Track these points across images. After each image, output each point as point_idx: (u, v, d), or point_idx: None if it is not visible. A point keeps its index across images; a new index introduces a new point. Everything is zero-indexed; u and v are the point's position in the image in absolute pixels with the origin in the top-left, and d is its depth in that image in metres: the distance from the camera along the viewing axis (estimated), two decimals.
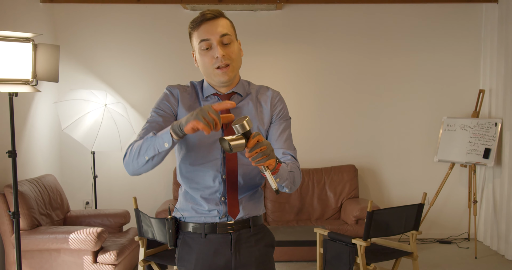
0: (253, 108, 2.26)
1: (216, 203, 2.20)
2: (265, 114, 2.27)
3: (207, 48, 2.15)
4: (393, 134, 6.92)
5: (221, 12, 2.19)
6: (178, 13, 6.76)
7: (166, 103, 2.29)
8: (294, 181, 2.14)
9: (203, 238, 2.22)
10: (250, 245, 2.24)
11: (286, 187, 2.12)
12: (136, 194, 6.28)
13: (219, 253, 2.21)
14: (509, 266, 5.77)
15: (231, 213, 2.19)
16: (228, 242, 2.21)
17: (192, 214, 2.24)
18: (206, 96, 2.28)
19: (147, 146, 2.05)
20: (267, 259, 2.28)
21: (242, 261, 2.21)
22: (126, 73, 6.81)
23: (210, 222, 2.20)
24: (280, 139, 2.24)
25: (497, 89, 6.37)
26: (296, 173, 2.16)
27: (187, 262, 2.24)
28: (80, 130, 6.01)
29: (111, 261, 4.92)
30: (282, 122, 2.27)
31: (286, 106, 2.31)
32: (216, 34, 2.13)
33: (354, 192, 6.52)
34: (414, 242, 4.19)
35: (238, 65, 2.22)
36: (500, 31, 6.27)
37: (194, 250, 2.23)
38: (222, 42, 2.14)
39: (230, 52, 2.16)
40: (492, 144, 6.20)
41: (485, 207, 6.65)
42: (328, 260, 4.07)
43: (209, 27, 2.14)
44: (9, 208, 4.83)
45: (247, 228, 2.24)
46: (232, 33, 2.20)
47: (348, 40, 6.85)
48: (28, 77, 4.05)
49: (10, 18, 5.51)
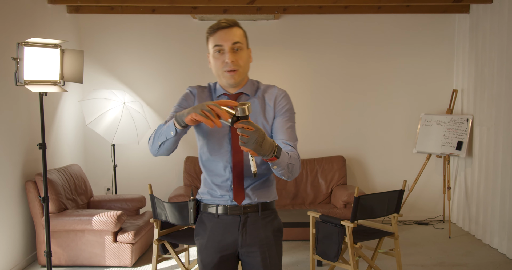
0: (258, 106, 2.25)
1: (227, 189, 2.21)
2: (269, 111, 2.25)
3: (219, 52, 2.15)
4: (377, 128, 6.91)
5: (236, 22, 2.19)
6: (188, 22, 6.75)
7: (185, 100, 2.29)
8: (292, 171, 2.11)
9: (216, 218, 2.24)
10: (257, 228, 2.23)
11: (283, 176, 2.10)
12: (151, 181, 6.27)
13: (228, 231, 2.22)
14: (479, 244, 5.76)
15: (236, 199, 2.20)
16: (236, 223, 2.21)
17: (208, 197, 2.27)
18: (218, 95, 2.29)
19: (160, 133, 2.09)
20: (271, 242, 2.25)
21: (248, 241, 2.21)
22: (142, 75, 6.80)
23: (223, 204, 2.23)
24: (281, 131, 2.21)
25: (468, 89, 6.36)
26: (296, 164, 2.13)
27: (201, 237, 2.27)
28: (102, 125, 6.01)
29: (129, 240, 4.92)
30: (285, 116, 2.24)
31: (290, 103, 2.28)
32: (228, 41, 2.13)
33: (342, 180, 6.51)
34: (396, 223, 4.18)
35: (246, 71, 2.23)
36: (471, 38, 6.29)
37: (208, 228, 2.25)
38: (233, 49, 2.14)
39: (239, 58, 2.16)
40: (464, 138, 6.18)
41: (458, 193, 6.65)
42: (320, 239, 4.06)
43: (223, 34, 2.14)
44: (39, 193, 4.85)
45: (256, 212, 2.24)
46: (244, 41, 2.19)
47: (337, 46, 6.85)
48: (56, 78, 4.04)
49: (41, 27, 5.50)
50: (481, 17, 6.02)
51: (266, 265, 2.22)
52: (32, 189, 4.86)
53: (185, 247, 4.43)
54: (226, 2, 5.77)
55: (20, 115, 5.00)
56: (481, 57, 6.00)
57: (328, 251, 3.96)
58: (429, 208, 6.94)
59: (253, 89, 2.29)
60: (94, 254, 4.92)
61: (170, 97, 6.80)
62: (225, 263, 2.23)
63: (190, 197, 3.30)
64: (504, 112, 5.42)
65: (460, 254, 5.41)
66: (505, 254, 5.34)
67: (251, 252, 2.22)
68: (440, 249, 5.56)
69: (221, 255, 2.21)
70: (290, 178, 2.16)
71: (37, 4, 5.47)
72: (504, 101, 5.41)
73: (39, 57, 3.91)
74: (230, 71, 2.15)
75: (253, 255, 2.22)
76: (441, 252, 5.47)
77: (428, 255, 5.36)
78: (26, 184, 4.89)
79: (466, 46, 6.47)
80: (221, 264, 2.22)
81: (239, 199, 2.20)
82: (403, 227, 6.54)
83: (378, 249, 4.20)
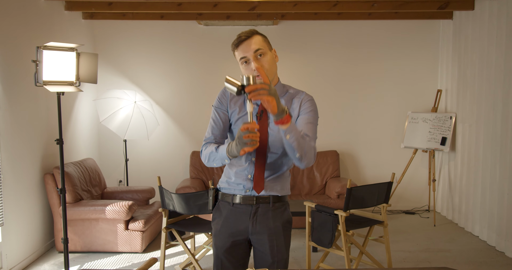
0: (286, 104, 2.26)
1: (243, 179, 2.23)
2: (294, 110, 2.25)
3: (246, 63, 2.17)
4: (367, 125, 6.89)
5: (254, 31, 2.20)
6: (193, 28, 6.73)
7: (221, 103, 2.29)
8: (304, 149, 2.02)
9: (231, 206, 2.26)
10: (267, 218, 2.23)
11: (296, 151, 2.00)
12: (160, 174, 6.28)
13: (241, 219, 2.24)
14: (461, 232, 5.76)
15: (255, 188, 2.21)
16: (248, 212, 2.23)
17: (225, 185, 2.30)
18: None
19: (214, 158, 2.18)
20: (279, 232, 2.25)
21: (257, 229, 2.22)
22: (151, 76, 6.79)
23: (238, 194, 2.24)
24: (301, 126, 2.18)
25: (452, 89, 6.35)
26: (307, 144, 2.04)
27: (217, 223, 2.30)
28: (114, 122, 6.01)
29: (140, 228, 4.92)
30: (309, 115, 2.23)
31: (315, 107, 2.28)
32: (250, 51, 2.15)
33: (336, 173, 6.51)
34: (385, 213, 4.17)
35: (273, 71, 2.23)
36: (454, 43, 6.28)
37: (223, 214, 2.28)
38: (256, 56, 2.15)
39: (264, 62, 2.17)
40: (448, 134, 6.17)
41: (442, 185, 6.65)
42: (315, 227, 4.06)
43: (244, 46, 2.16)
44: (57, 185, 4.84)
45: (267, 204, 2.24)
46: (264, 46, 2.19)
47: (331, 50, 6.83)
48: (72, 79, 4.03)
49: (58, 32, 5.48)
50: (464, 23, 6.01)
51: (274, 252, 2.22)
52: (50, 181, 4.86)
53: (191, 235, 4.43)
54: (229, 9, 5.76)
55: (39, 113, 4.99)
56: (464, 60, 5.99)
57: (322, 238, 3.96)
58: (416, 199, 6.93)
59: (282, 91, 2.30)
60: (107, 241, 4.93)
61: (177, 96, 6.80)
62: (237, 247, 2.25)
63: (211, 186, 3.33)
64: (484, 110, 5.41)
65: (444, 241, 5.41)
66: (485, 241, 5.34)
67: (260, 240, 2.23)
68: (425, 236, 5.56)
69: (233, 240, 2.24)
70: (303, 160, 2.05)
71: (55, 11, 5.46)
72: (485, 100, 5.40)
73: (56, 59, 3.90)
74: (258, 76, 2.11)
75: (261, 243, 2.23)
76: (427, 239, 5.47)
77: (414, 241, 5.35)
78: (45, 177, 4.89)
79: (449, 49, 6.45)
80: (232, 248, 2.25)
81: (259, 188, 2.21)
82: (391, 216, 6.54)
83: (369, 236, 4.20)
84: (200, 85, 6.78)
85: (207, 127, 2.34)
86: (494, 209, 5.18)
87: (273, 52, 2.26)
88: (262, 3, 5.63)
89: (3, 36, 4.30)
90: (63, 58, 3.94)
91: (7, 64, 4.36)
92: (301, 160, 2.05)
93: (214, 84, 6.76)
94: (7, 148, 4.33)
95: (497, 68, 5.12)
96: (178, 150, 6.86)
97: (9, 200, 4.34)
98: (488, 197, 5.32)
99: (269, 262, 2.22)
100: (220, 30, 6.76)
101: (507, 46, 4.91)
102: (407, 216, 6.55)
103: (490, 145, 5.26)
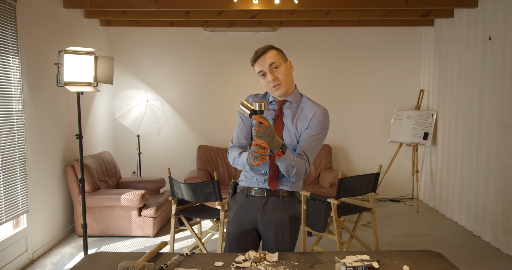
0: (295, 112, 2.27)
1: (257, 173, 2.26)
2: (303, 120, 2.24)
3: (263, 75, 2.22)
4: (357, 121, 6.90)
5: (269, 46, 2.23)
6: (200, 34, 6.72)
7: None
8: (292, 173, 2.14)
9: (245, 197, 2.30)
10: (275, 210, 2.24)
11: (284, 173, 2.15)
12: (169, 166, 6.30)
13: (252, 209, 2.26)
14: (442, 218, 5.77)
15: (270, 185, 2.24)
16: (259, 203, 2.25)
17: (243, 178, 2.33)
18: (270, 101, 2.34)
19: (237, 163, 2.25)
20: (286, 225, 2.24)
21: (265, 219, 2.23)
22: (162, 77, 6.78)
23: (252, 186, 2.27)
24: (306, 141, 2.21)
25: (433, 89, 6.35)
26: (299, 169, 2.15)
27: (231, 211, 2.33)
28: (128, 119, 6.01)
29: (151, 215, 4.93)
30: (316, 130, 2.22)
31: (326, 121, 2.25)
32: (265, 65, 2.18)
33: (328, 165, 6.51)
34: (373, 201, 4.18)
35: (288, 81, 2.25)
36: (435, 47, 6.27)
37: (238, 204, 2.31)
38: (272, 69, 2.19)
39: (279, 74, 2.19)
40: (430, 129, 6.18)
41: (424, 175, 6.65)
42: (309, 214, 4.06)
43: (261, 61, 2.20)
44: (77, 176, 4.85)
45: (276, 197, 2.25)
46: (279, 59, 2.21)
47: (324, 53, 6.82)
48: (90, 80, 4.02)
49: (78, 38, 5.48)
50: (444, 30, 6.00)
51: (278, 241, 2.22)
52: (71, 172, 4.87)
53: (197, 221, 4.44)
54: (232, 17, 5.76)
55: (61, 111, 5.00)
56: (444, 63, 5.99)
57: (316, 224, 3.96)
58: (400, 188, 6.94)
59: (297, 99, 2.30)
60: (122, 226, 4.94)
61: (185, 95, 6.80)
62: (246, 235, 2.26)
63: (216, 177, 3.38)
64: (462, 108, 5.42)
65: (426, 226, 5.42)
66: (463, 226, 5.36)
67: (267, 229, 2.23)
68: (409, 222, 5.57)
69: (243, 228, 2.25)
70: (293, 179, 2.19)
71: (75, 18, 5.46)
72: (463, 99, 5.41)
73: (76, 62, 3.89)
74: (274, 86, 2.20)
75: (268, 232, 2.23)
76: (411, 224, 5.48)
77: (399, 227, 5.37)
78: (66, 168, 4.90)
79: (431, 53, 6.45)
80: (241, 235, 2.26)
81: (273, 185, 2.23)
82: (379, 204, 6.55)
83: (358, 222, 4.21)
84: (206, 85, 6.78)
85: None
86: (471, 197, 5.19)
87: (288, 63, 2.28)
88: (262, 11, 5.63)
89: (29, 42, 4.31)
90: (82, 61, 3.94)
91: (32, 67, 4.37)
92: (290, 179, 2.21)
93: (218, 84, 6.77)
94: (32, 142, 4.34)
95: (474, 70, 5.12)
96: (186, 144, 6.87)
97: (33, 189, 4.36)
98: (466, 186, 5.33)
99: (273, 249, 2.22)
100: (224, 36, 6.76)
101: (483, 50, 4.92)
102: (393, 204, 6.57)
103: (468, 139, 5.28)
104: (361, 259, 1.90)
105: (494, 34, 4.69)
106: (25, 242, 4.23)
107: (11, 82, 3.97)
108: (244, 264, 1.88)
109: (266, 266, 1.88)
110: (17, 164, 4.01)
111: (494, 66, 4.70)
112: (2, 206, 3.78)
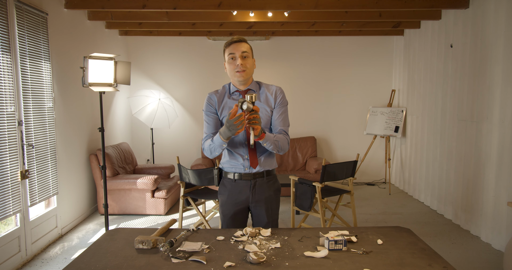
0: (263, 97, 2.23)
1: (243, 159, 2.18)
2: (270, 101, 2.21)
3: (232, 58, 2.13)
4: (338, 117, 6.88)
5: (244, 39, 2.17)
6: (204, 42, 6.67)
7: (210, 106, 2.24)
8: (278, 146, 2.11)
9: (233, 182, 2.22)
10: (263, 189, 2.21)
11: (273, 150, 2.11)
12: (178, 154, 6.28)
13: (242, 191, 2.21)
14: (411, 199, 5.78)
15: (252, 165, 2.18)
16: (248, 185, 2.20)
17: (228, 165, 2.24)
18: (232, 92, 2.23)
19: (214, 148, 2.11)
20: (272, 198, 2.24)
21: (256, 198, 2.20)
22: (172, 79, 6.73)
23: (238, 172, 2.20)
24: (278, 119, 2.19)
25: (403, 89, 6.34)
26: (281, 141, 2.12)
27: (223, 195, 2.25)
28: (143, 114, 5.99)
29: (163, 196, 4.92)
30: (281, 107, 2.21)
31: (284, 96, 2.24)
32: (239, 51, 2.11)
33: (314, 153, 6.50)
34: (351, 184, 4.17)
35: (251, 72, 2.18)
36: (405, 53, 6.25)
37: (228, 189, 2.24)
38: (242, 56, 2.12)
39: (246, 63, 2.13)
40: (400, 123, 6.17)
41: (395, 163, 6.66)
42: (297, 195, 4.06)
43: (235, 46, 2.12)
44: (99, 163, 4.82)
45: (262, 178, 2.21)
46: (250, 53, 2.16)
47: (310, 58, 6.78)
48: (111, 81, 4.00)
49: (100, 45, 5.42)
50: (412, 39, 5.98)
51: (269, 214, 2.22)
52: (94, 160, 4.85)
53: (202, 201, 4.44)
54: (232, 27, 5.72)
55: (86, 108, 4.96)
56: (412, 67, 5.97)
57: (303, 204, 3.96)
58: (375, 173, 6.95)
59: (257, 87, 2.25)
60: (138, 206, 4.93)
61: (192, 94, 6.76)
62: (239, 214, 2.23)
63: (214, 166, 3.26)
64: (428, 105, 5.41)
65: (397, 206, 5.44)
66: (429, 206, 5.37)
67: (258, 206, 2.21)
68: (383, 203, 5.59)
69: (236, 209, 2.22)
70: (280, 152, 2.15)
71: (98, 29, 5.40)
72: (428, 98, 5.40)
73: (99, 66, 3.87)
74: (239, 71, 2.12)
75: (260, 207, 2.21)
76: (384, 204, 5.50)
77: (374, 206, 5.38)
78: (90, 157, 4.87)
79: (401, 58, 6.43)
80: (235, 215, 2.23)
81: (254, 165, 2.18)
82: (356, 187, 6.56)
83: (339, 202, 4.21)
84: (209, 85, 6.74)
85: None
86: (436, 181, 5.20)
87: (254, 61, 2.22)
88: (257, 23, 5.58)
89: (58, 49, 4.26)
90: (104, 65, 3.91)
91: (61, 70, 4.32)
92: (278, 153, 2.16)
93: (220, 85, 6.67)
94: (61, 134, 4.31)
95: (438, 73, 5.11)
96: (192, 136, 6.84)
97: (62, 174, 4.33)
98: (431, 172, 5.34)
99: (265, 221, 2.22)
100: None
101: (445, 56, 4.90)
102: (369, 187, 6.58)
103: (432, 132, 5.28)
104: (341, 234, 1.89)
105: (455, 43, 4.68)
106: (55, 220, 4.21)
107: (43, 83, 3.92)
108: (242, 238, 1.88)
109: (261, 240, 1.87)
110: (48, 153, 3.98)
111: (454, 70, 4.69)
112: (36, 189, 3.76)
